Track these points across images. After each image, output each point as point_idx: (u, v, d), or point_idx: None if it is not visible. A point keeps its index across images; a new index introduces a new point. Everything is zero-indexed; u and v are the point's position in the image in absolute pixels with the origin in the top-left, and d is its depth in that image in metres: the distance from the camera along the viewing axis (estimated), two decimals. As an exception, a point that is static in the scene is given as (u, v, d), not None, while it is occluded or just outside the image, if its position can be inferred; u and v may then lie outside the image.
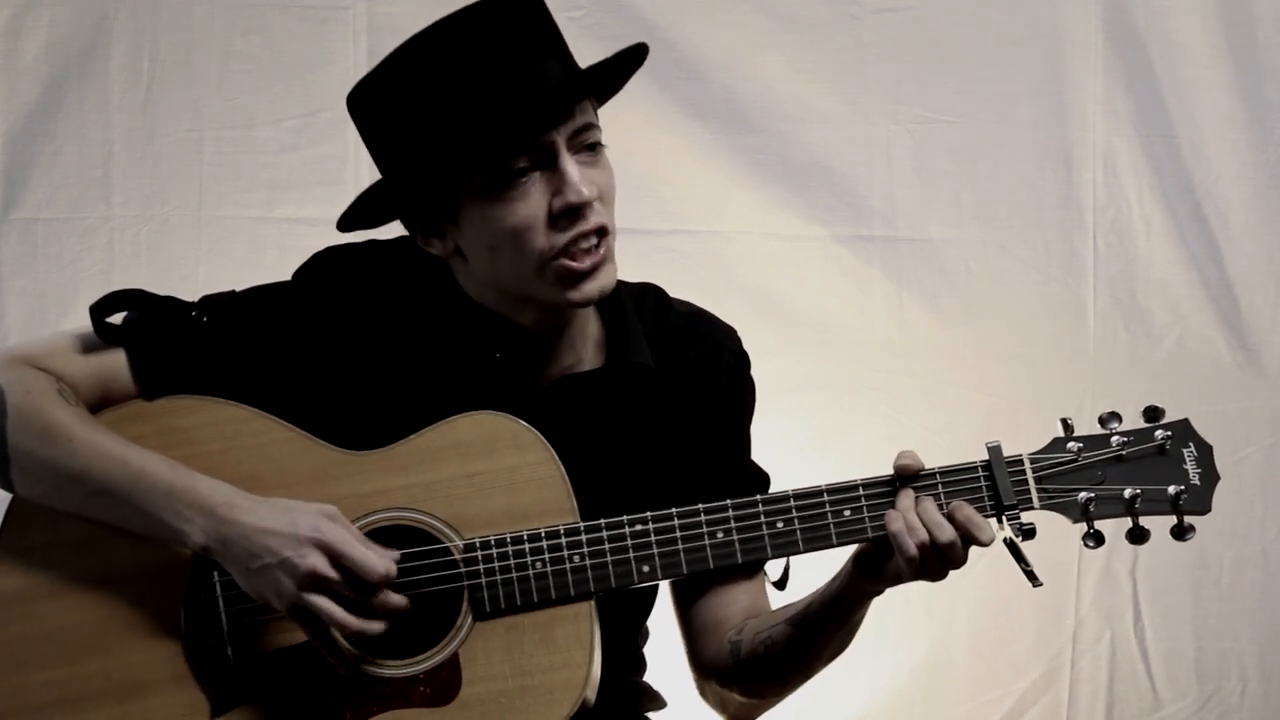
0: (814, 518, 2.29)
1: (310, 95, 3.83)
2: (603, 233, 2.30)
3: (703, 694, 2.54)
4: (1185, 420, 2.32)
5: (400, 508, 2.31)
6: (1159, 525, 2.29)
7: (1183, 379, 3.89)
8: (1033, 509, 2.28)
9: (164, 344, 2.38)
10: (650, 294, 2.53)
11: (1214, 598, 3.92)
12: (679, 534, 2.29)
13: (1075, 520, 2.29)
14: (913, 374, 3.94)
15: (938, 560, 2.24)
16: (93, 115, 3.79)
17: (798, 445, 3.84)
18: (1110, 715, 3.93)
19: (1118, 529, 2.32)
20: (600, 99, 2.38)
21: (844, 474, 2.34)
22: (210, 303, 2.43)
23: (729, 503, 2.30)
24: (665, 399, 2.46)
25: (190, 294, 2.48)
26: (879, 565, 2.29)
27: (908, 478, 2.29)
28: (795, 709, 3.73)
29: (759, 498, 2.30)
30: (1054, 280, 3.94)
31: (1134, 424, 2.31)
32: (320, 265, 2.44)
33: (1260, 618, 3.91)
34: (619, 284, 2.39)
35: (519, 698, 2.25)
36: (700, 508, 2.30)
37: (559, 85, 2.27)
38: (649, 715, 2.57)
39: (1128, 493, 2.27)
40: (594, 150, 2.31)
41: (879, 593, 2.33)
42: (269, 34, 3.84)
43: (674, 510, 2.29)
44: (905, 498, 2.26)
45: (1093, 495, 2.28)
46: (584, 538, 2.28)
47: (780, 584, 2.45)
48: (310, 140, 3.84)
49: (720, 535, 2.29)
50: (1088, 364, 3.93)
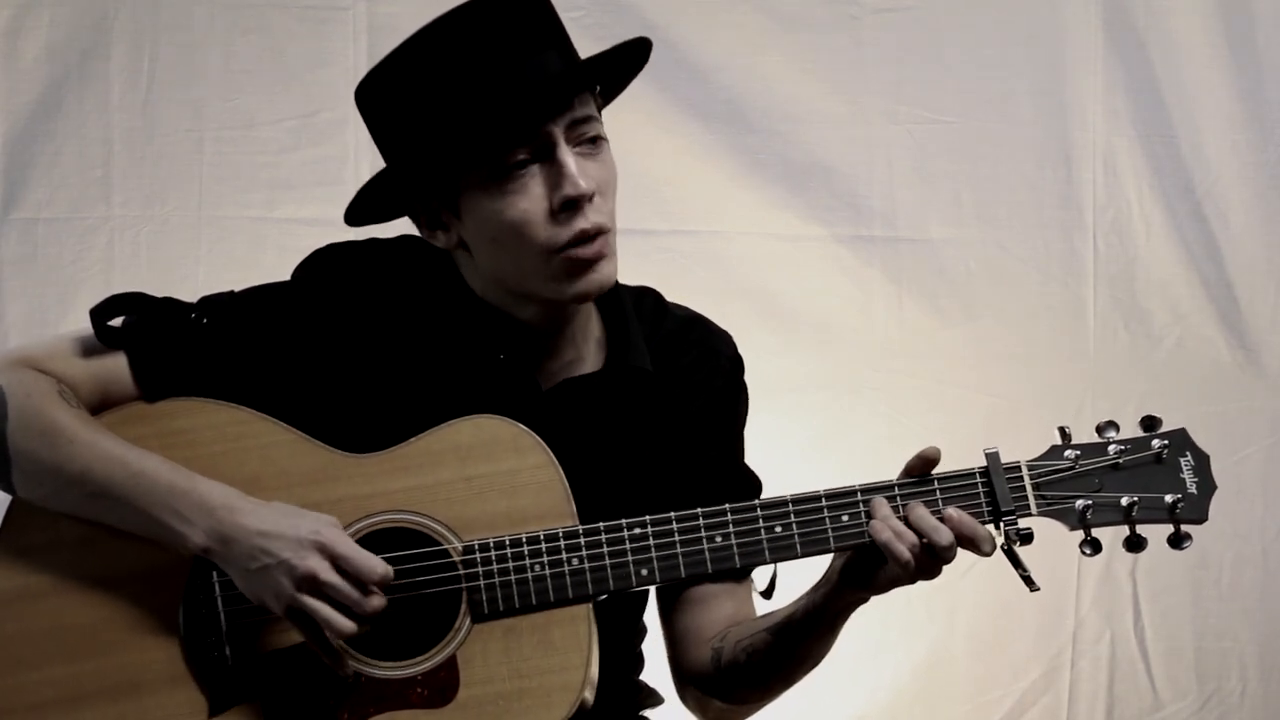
0: (812, 523, 2.28)
1: (310, 95, 3.83)
2: (602, 230, 2.30)
3: (683, 699, 2.53)
4: (1182, 429, 2.31)
5: (399, 510, 2.31)
6: (1156, 534, 2.29)
7: (1183, 379, 3.89)
8: (1030, 516, 2.28)
9: (164, 346, 2.38)
10: (648, 297, 2.53)
11: (1214, 598, 3.92)
12: (677, 538, 2.29)
13: (1073, 527, 2.28)
14: (913, 374, 3.94)
15: (932, 560, 2.24)
16: (93, 115, 3.79)
17: (798, 445, 3.84)
18: (1110, 715, 3.93)
19: (1115, 538, 2.32)
20: (605, 97, 2.38)
21: (844, 474, 2.33)
22: (209, 304, 2.43)
23: (727, 507, 2.29)
24: (662, 403, 2.46)
25: (190, 294, 2.47)
26: (870, 574, 2.27)
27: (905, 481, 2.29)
28: (795, 709, 3.73)
29: (757, 502, 2.30)
30: (1054, 280, 3.94)
31: (1131, 432, 2.31)
32: (319, 264, 2.44)
33: (1260, 618, 3.91)
34: (618, 286, 2.40)
35: (516, 700, 2.24)
36: (699, 512, 2.29)
37: (556, 76, 2.26)
38: (646, 714, 2.58)
39: (1125, 501, 2.27)
40: (594, 144, 2.30)
41: (866, 601, 2.33)
42: (269, 34, 3.84)
43: (672, 514, 2.29)
44: (881, 506, 2.25)
45: (1090, 503, 2.27)
46: (582, 541, 2.28)
47: (767, 593, 2.44)
48: (310, 140, 3.84)
49: (719, 539, 2.29)
50: (1088, 364, 3.93)
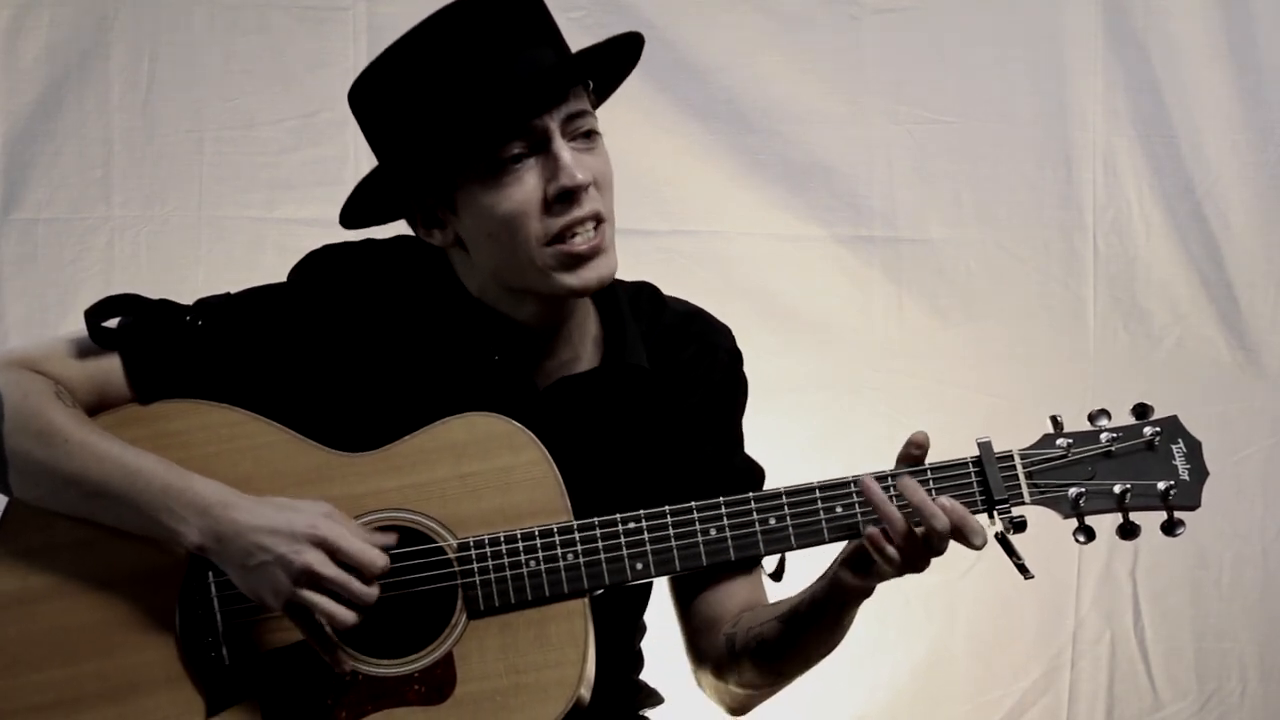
0: (806, 514, 2.29)
1: (310, 95, 3.83)
2: (599, 219, 2.30)
3: (700, 684, 2.54)
4: (1174, 417, 2.33)
5: (395, 508, 2.31)
6: (1150, 521, 2.30)
7: (1183, 379, 3.88)
8: (1023, 504, 2.29)
9: (158, 348, 2.38)
10: (645, 292, 2.53)
11: (1214, 598, 3.91)
12: (672, 531, 2.29)
13: (1066, 515, 2.29)
14: (913, 374, 3.94)
15: (921, 549, 2.23)
16: (93, 115, 3.79)
17: (798, 445, 3.83)
18: (1110, 715, 3.92)
19: (1110, 528, 2.33)
20: (599, 94, 2.38)
21: (844, 474, 2.33)
22: (204, 305, 2.43)
23: (721, 500, 2.30)
24: (661, 399, 2.46)
25: (190, 294, 2.48)
26: (868, 562, 2.27)
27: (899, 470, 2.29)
28: (795, 709, 3.73)
29: (751, 495, 2.30)
30: (1054, 280, 3.93)
31: (1124, 421, 2.32)
32: (315, 265, 2.44)
33: (1260, 618, 3.90)
34: (615, 283, 2.40)
35: (513, 695, 2.25)
36: (693, 505, 2.30)
37: (549, 69, 2.27)
38: (646, 713, 2.58)
39: (1118, 488, 2.28)
40: (589, 138, 2.31)
41: (868, 591, 2.32)
42: (269, 34, 3.84)
43: (667, 508, 2.29)
44: (873, 489, 2.25)
45: (1083, 490, 2.28)
46: (577, 536, 2.28)
47: (776, 575, 2.45)
48: (310, 140, 3.84)
49: (713, 532, 2.29)
50: (1088, 364, 3.92)
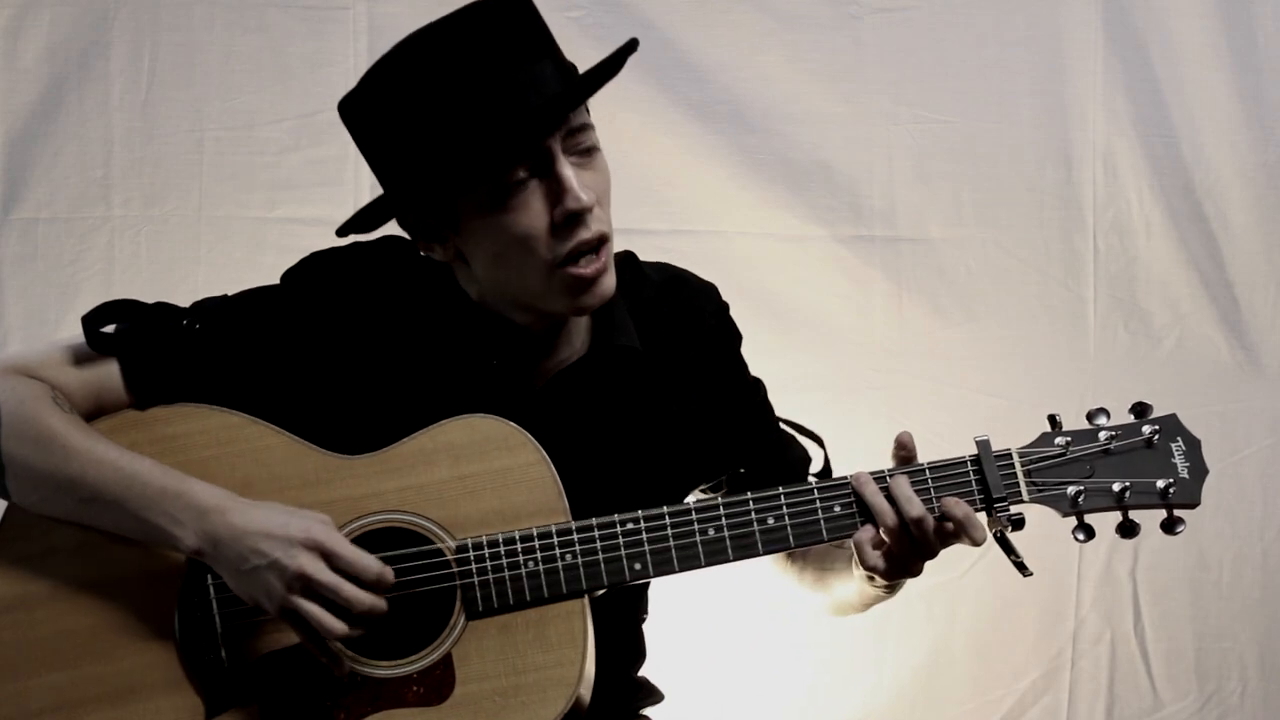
0: (805, 514, 2.29)
1: (310, 95, 3.82)
2: (604, 239, 2.30)
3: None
4: (1173, 415, 2.33)
5: (393, 510, 2.32)
6: (1151, 520, 2.30)
7: (1183, 379, 3.88)
8: (1022, 502, 2.29)
9: (156, 353, 2.39)
10: (626, 266, 2.51)
11: (1214, 598, 3.91)
12: (670, 532, 2.29)
13: (1065, 513, 2.30)
14: (913, 374, 3.93)
15: (908, 545, 2.23)
16: (93, 115, 3.79)
17: (797, 445, 3.83)
18: (1110, 715, 3.92)
19: (1110, 528, 2.33)
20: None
21: (843, 475, 2.34)
22: (202, 309, 2.43)
23: (719, 500, 2.31)
24: (656, 376, 2.46)
25: (190, 294, 2.48)
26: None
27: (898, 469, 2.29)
28: (795, 709, 3.73)
29: (750, 495, 2.31)
30: (1054, 280, 3.93)
31: (1123, 420, 2.32)
32: (311, 269, 2.44)
33: (1260, 618, 3.90)
34: None
35: (512, 696, 2.25)
36: (690, 505, 2.31)
37: (557, 96, 2.25)
38: (646, 711, 2.58)
39: (1116, 486, 2.28)
40: (589, 154, 2.30)
41: (880, 592, 2.33)
42: (269, 34, 3.83)
43: (665, 509, 2.30)
44: (866, 484, 2.27)
45: (1082, 488, 2.29)
46: (576, 536, 2.28)
47: (823, 474, 2.50)
48: (310, 140, 3.83)
49: (711, 532, 2.30)
50: (1088, 364, 3.92)
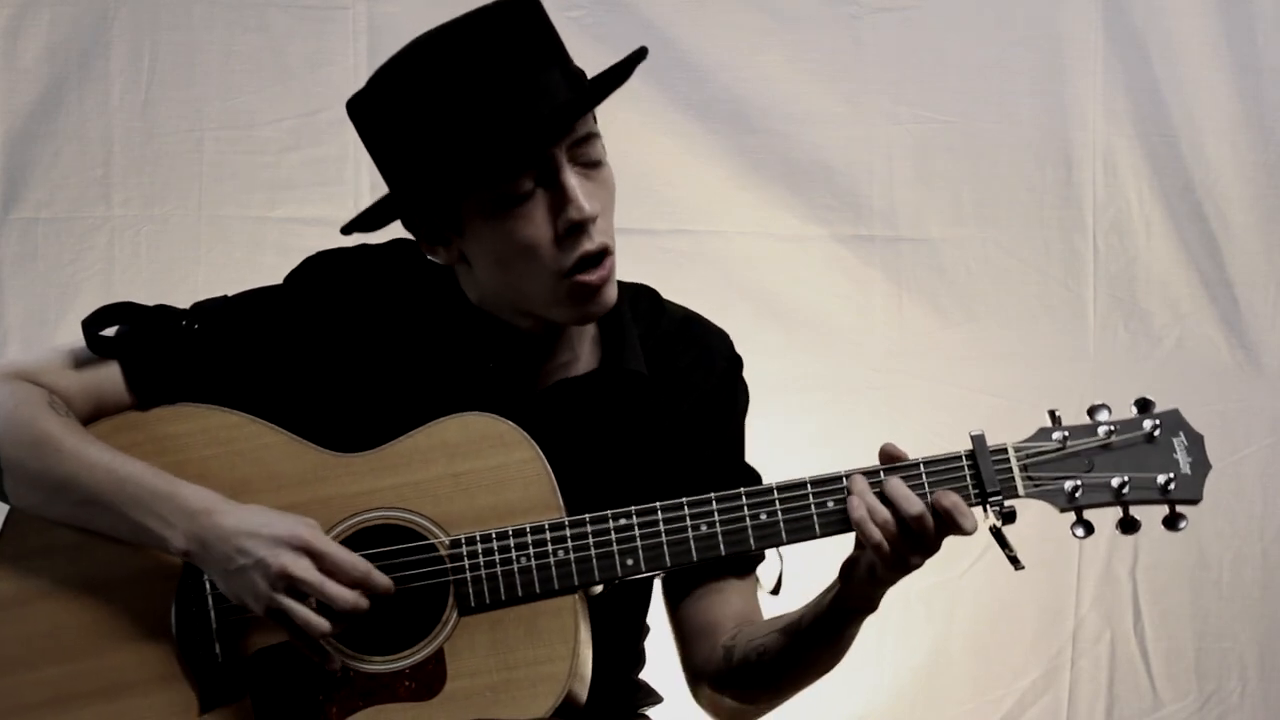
0: (798, 509, 2.27)
1: (310, 95, 3.83)
2: (607, 250, 2.30)
3: (696, 698, 2.53)
4: (1175, 410, 2.28)
5: (388, 507, 2.32)
6: (1152, 516, 2.26)
7: (1183, 379, 3.88)
8: (1018, 497, 2.25)
9: (156, 355, 2.39)
10: (644, 296, 2.52)
11: (1214, 598, 3.91)
12: (662, 527, 2.28)
13: (1062, 509, 2.25)
14: (913, 374, 3.93)
15: (906, 542, 2.22)
16: (93, 115, 3.80)
17: (798, 445, 3.82)
18: (1110, 715, 3.91)
19: (1110, 528, 2.31)
20: None
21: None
22: (201, 309, 2.44)
23: (712, 495, 2.29)
24: (658, 404, 2.46)
25: (190, 295, 2.48)
26: (870, 569, 2.24)
27: (891, 465, 2.27)
28: (795, 709, 3.72)
29: (742, 490, 2.29)
30: (1054, 280, 3.93)
31: (1124, 415, 2.28)
32: (313, 269, 2.45)
33: (1260, 618, 3.90)
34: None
35: (503, 691, 2.25)
36: (684, 501, 2.29)
37: (565, 105, 2.24)
38: (645, 712, 2.58)
39: (1115, 481, 2.24)
40: (595, 166, 2.29)
41: (871, 604, 2.30)
42: (269, 34, 3.84)
43: (657, 504, 2.29)
44: (859, 482, 2.24)
45: (1080, 483, 2.24)
46: (568, 532, 2.28)
47: (775, 590, 2.44)
48: (310, 140, 3.84)
49: (704, 528, 2.29)
50: (1088, 364, 3.92)
